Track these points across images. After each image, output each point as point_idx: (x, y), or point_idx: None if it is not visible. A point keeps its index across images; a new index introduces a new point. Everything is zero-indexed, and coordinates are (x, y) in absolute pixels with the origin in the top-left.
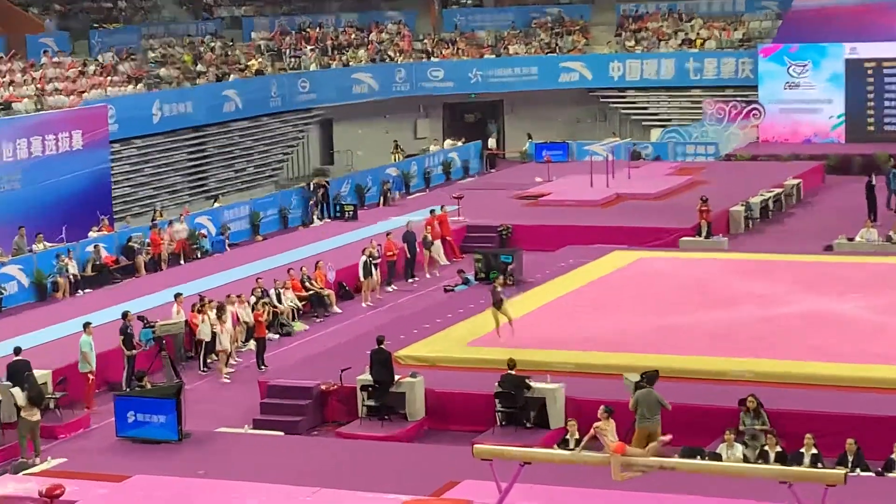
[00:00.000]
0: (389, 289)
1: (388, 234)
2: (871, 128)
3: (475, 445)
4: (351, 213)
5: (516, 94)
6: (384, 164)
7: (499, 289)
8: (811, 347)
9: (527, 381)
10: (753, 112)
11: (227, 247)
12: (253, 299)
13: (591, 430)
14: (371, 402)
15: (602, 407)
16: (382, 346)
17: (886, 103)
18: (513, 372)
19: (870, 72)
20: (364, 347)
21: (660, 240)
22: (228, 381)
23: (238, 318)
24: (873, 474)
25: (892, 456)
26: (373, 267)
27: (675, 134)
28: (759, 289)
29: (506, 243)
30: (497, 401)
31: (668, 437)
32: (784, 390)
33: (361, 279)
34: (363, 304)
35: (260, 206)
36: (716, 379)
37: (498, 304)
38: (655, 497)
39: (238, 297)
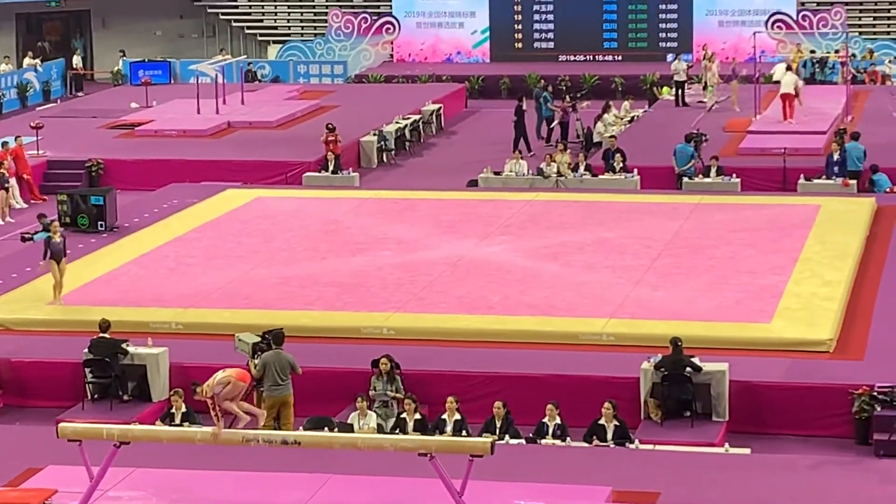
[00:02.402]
0: None
1: None
2: (520, 45)
3: (60, 424)
4: None
5: (107, 3)
6: None
7: (56, 238)
8: (456, 298)
9: (123, 345)
10: (386, 26)
11: None
12: None
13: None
14: None
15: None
16: None
17: (536, 17)
18: (106, 335)
19: None
20: None
21: (280, 175)
22: None
23: None
24: (524, 441)
25: (545, 420)
26: None
27: (296, 51)
28: (396, 232)
29: (96, 182)
30: (87, 370)
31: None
32: (426, 348)
33: None
34: None
35: None
36: (348, 337)
37: (58, 257)
38: (278, 477)
39: None
